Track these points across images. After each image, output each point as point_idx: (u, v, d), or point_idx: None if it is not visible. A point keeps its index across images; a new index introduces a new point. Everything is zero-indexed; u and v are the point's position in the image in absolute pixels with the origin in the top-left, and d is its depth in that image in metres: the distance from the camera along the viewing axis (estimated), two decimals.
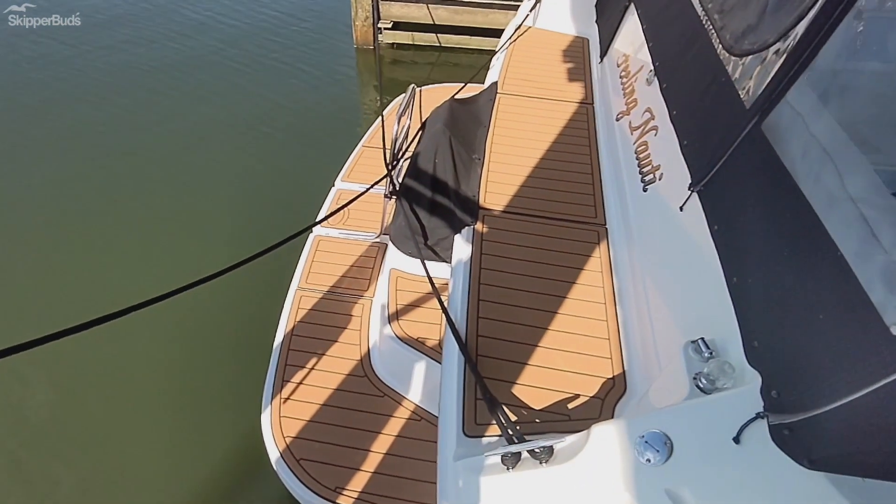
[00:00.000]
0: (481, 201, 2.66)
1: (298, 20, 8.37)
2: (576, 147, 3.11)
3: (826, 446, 1.08)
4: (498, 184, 2.78)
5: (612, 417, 1.79)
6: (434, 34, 7.29)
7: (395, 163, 3.00)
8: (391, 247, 2.94)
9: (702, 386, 1.37)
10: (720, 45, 2.01)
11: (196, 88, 6.75)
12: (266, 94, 6.68)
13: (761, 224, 1.50)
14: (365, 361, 2.75)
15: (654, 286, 2.02)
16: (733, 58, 1.89)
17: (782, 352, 1.25)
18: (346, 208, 2.61)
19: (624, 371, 1.93)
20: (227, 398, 3.60)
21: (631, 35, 3.24)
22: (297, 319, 2.94)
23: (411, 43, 7.47)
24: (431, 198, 2.81)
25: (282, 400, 2.57)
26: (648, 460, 1.23)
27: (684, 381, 1.41)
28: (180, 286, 1.56)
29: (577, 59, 4.08)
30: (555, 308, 2.17)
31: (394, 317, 2.67)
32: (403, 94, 4.82)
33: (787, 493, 1.10)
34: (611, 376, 1.92)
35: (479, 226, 2.52)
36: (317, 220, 3.46)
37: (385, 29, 7.39)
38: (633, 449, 1.27)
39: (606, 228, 2.54)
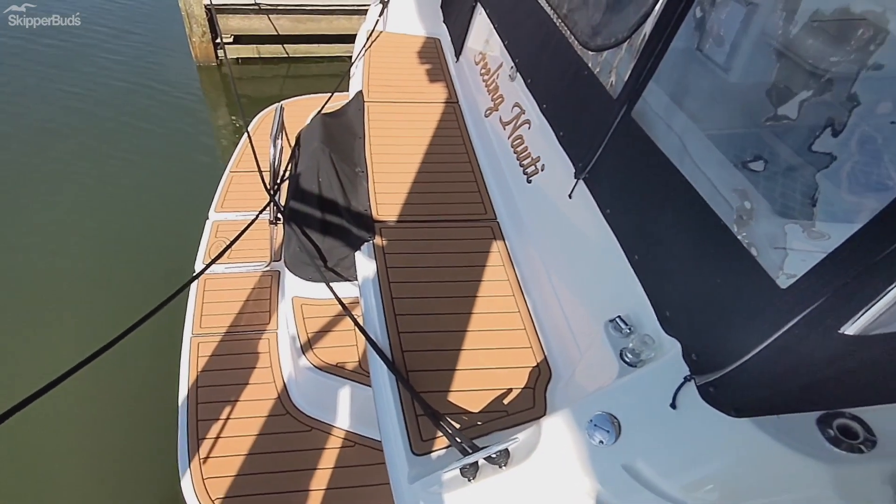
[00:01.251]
0: (375, 214, 2.60)
1: (130, 55, 7.55)
2: (452, 147, 3.14)
3: (745, 395, 1.21)
4: (387, 194, 2.73)
5: (545, 403, 1.86)
6: (280, 45, 6.97)
7: (276, 188, 2.83)
8: (288, 274, 2.78)
9: (628, 360, 1.46)
10: (576, 42, 2.13)
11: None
12: (111, 152, 5.86)
13: (648, 203, 1.62)
14: (283, 398, 2.59)
15: (556, 272, 2.12)
16: (591, 53, 2.02)
17: (692, 318, 1.37)
18: (233, 241, 2.41)
19: (545, 356, 2.01)
20: (142, 470, 3.21)
21: (484, 34, 3.34)
22: (200, 369, 2.68)
23: (257, 56, 7.08)
24: (322, 218, 2.69)
25: (201, 460, 2.34)
26: (601, 442, 1.29)
27: (612, 358, 1.49)
28: (63, 372, 1.37)
29: (433, 59, 4.12)
30: (468, 308, 2.19)
31: (306, 346, 2.54)
32: (263, 113, 4.58)
33: (724, 441, 1.22)
34: (535, 364, 1.98)
35: (377, 240, 2.46)
36: (204, 263, 3.18)
37: (227, 44, 6.92)
38: (584, 434, 1.32)
39: (498, 223, 2.61)
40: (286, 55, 7.05)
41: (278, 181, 2.85)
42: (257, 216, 2.74)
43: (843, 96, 1.72)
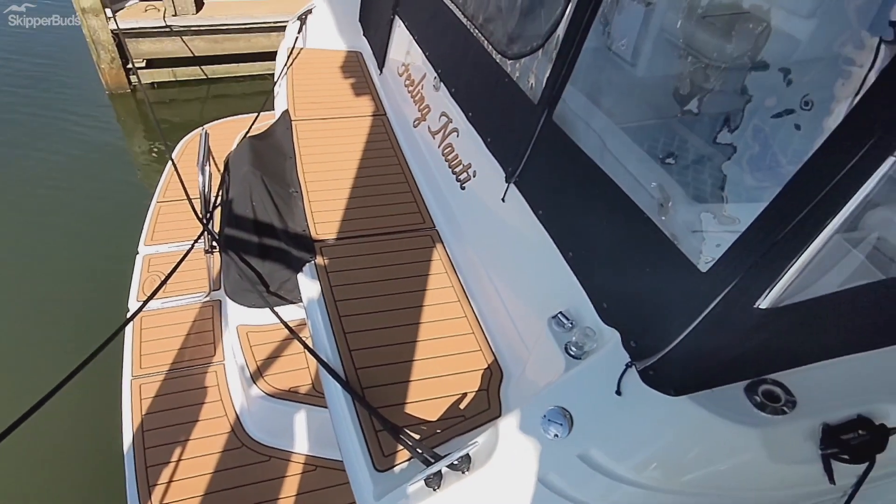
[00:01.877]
0: (313, 234, 2.57)
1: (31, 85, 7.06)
2: (384, 159, 3.15)
3: (681, 375, 1.29)
4: (324, 212, 2.71)
5: (499, 403, 1.90)
6: (197, 67, 6.73)
7: (208, 216, 2.74)
8: (230, 303, 2.70)
9: (573, 353, 1.52)
10: (494, 51, 2.20)
11: None
12: (24, 192, 5.42)
13: (576, 201, 1.70)
14: (238, 431, 2.51)
15: (497, 274, 2.17)
16: (509, 61, 2.08)
17: (627, 307, 1.44)
18: (169, 275, 2.32)
19: (495, 357, 2.05)
20: None
21: (405, 45, 3.36)
22: (144, 412, 2.56)
23: (174, 79, 6.80)
24: (260, 242, 2.64)
25: None
26: (556, 435, 1.34)
27: (558, 353, 1.55)
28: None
29: (357, 73, 4.11)
30: (416, 318, 2.21)
31: (256, 374, 2.47)
32: (186, 139, 4.41)
33: (667, 420, 1.29)
34: (486, 366, 2.02)
35: (319, 259, 2.43)
36: (139, 300, 3.03)
37: (139, 69, 6.61)
38: (539, 430, 1.37)
39: (437, 230, 2.64)
40: (205, 76, 6.82)
41: (210, 208, 2.77)
42: (192, 246, 2.64)
43: (737, 88, 1.86)
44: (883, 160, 0.99)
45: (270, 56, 4.92)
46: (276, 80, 4.06)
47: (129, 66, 6.46)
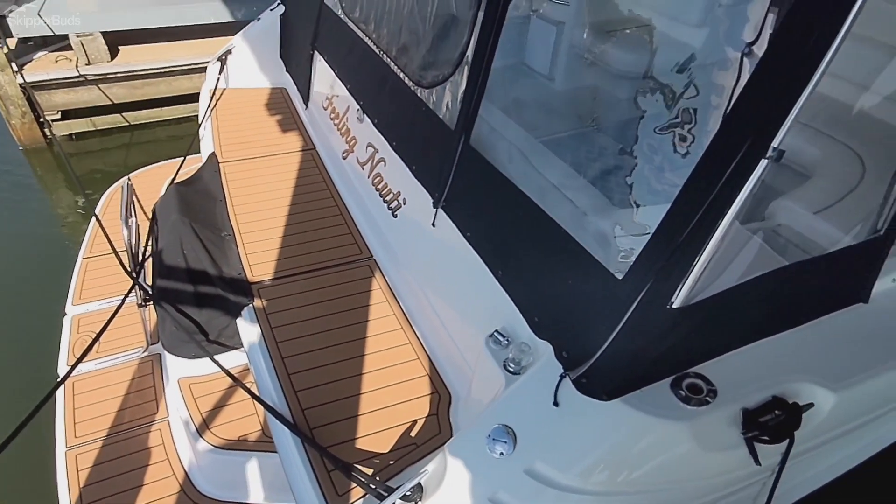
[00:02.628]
0: (249, 276, 2.51)
1: None
2: (316, 193, 3.13)
3: (611, 379, 1.33)
4: (258, 253, 2.65)
5: (450, 426, 1.90)
6: (118, 114, 6.48)
7: (138, 269, 2.63)
8: (169, 357, 2.59)
9: (512, 370, 1.55)
10: (410, 81, 2.24)
11: None
12: None
13: (500, 220, 1.74)
14: (187, 489, 2.39)
15: (435, 297, 2.18)
16: (424, 90, 2.13)
17: (556, 319, 1.48)
18: (100, 333, 2.20)
19: (442, 380, 2.05)
20: None
21: (328, 79, 3.37)
22: (82, 484, 2.40)
23: (93, 129, 6.51)
24: (195, 291, 2.54)
25: None
26: (501, 454, 1.35)
27: (497, 371, 1.57)
28: None
29: (282, 109, 4.08)
30: (360, 351, 2.19)
31: (202, 427, 2.37)
32: (110, 191, 4.23)
33: (604, 424, 1.33)
34: (433, 391, 2.02)
35: (257, 302, 2.38)
36: (69, 364, 2.85)
37: (54, 121, 6.30)
38: (485, 450, 1.38)
39: (375, 259, 2.63)
40: (127, 123, 6.56)
41: (139, 261, 2.66)
42: (122, 302, 2.52)
43: (635, 98, 1.96)
44: (757, 161, 1.07)
45: (194, 98, 4.80)
46: (200, 122, 3.97)
47: (42, 119, 6.14)
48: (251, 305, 2.36)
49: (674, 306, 1.23)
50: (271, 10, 4.32)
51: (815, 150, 2.73)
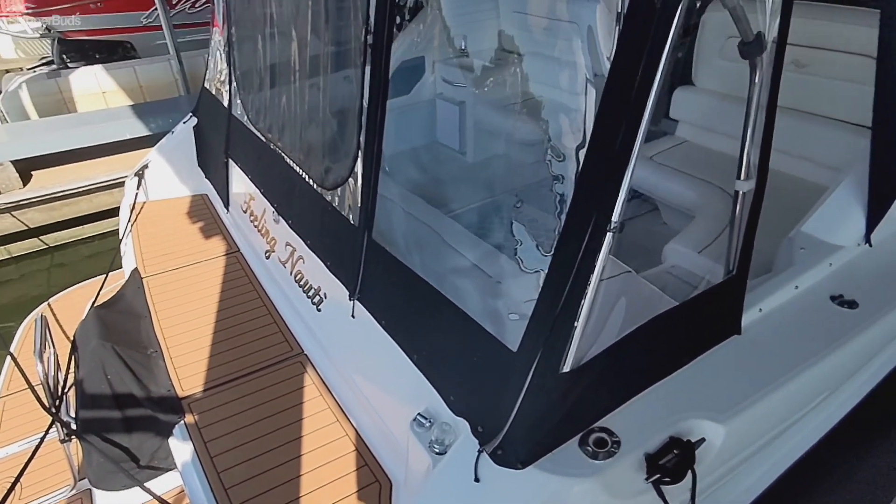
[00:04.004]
0: (179, 392, 2.44)
1: None
2: (243, 295, 3.11)
3: (523, 448, 1.39)
4: (187, 366, 2.59)
5: None
6: (35, 238, 6.24)
7: (57, 403, 2.50)
8: (98, 493, 2.43)
9: (438, 450, 1.57)
10: (314, 183, 2.34)
11: None
12: None
13: (408, 307, 1.82)
14: None
15: (364, 387, 2.20)
16: (328, 191, 2.23)
17: (468, 396, 1.54)
18: (18, 477, 2.06)
19: (382, 468, 2.04)
20: None
21: (244, 183, 3.44)
22: None
23: (9, 257, 6.22)
24: (122, 417, 2.43)
25: None
26: None
27: (424, 454, 1.59)
28: None
29: (205, 216, 4.09)
30: (299, 451, 2.15)
31: None
32: (26, 323, 4.02)
33: (522, 493, 1.37)
34: (375, 479, 2.00)
35: (188, 417, 2.30)
36: None
37: None
38: None
39: (306, 355, 2.62)
40: (46, 246, 6.33)
41: (59, 394, 2.53)
42: (41, 441, 2.37)
43: (526, 167, 2.13)
44: (604, 234, 1.21)
45: (118, 211, 4.73)
46: (121, 238, 3.91)
47: None
48: (182, 422, 2.28)
49: (565, 371, 1.32)
50: (184, 122, 4.41)
51: (694, 195, 3.02)
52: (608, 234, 1.20)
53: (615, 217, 1.19)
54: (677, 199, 3.14)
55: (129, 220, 4.01)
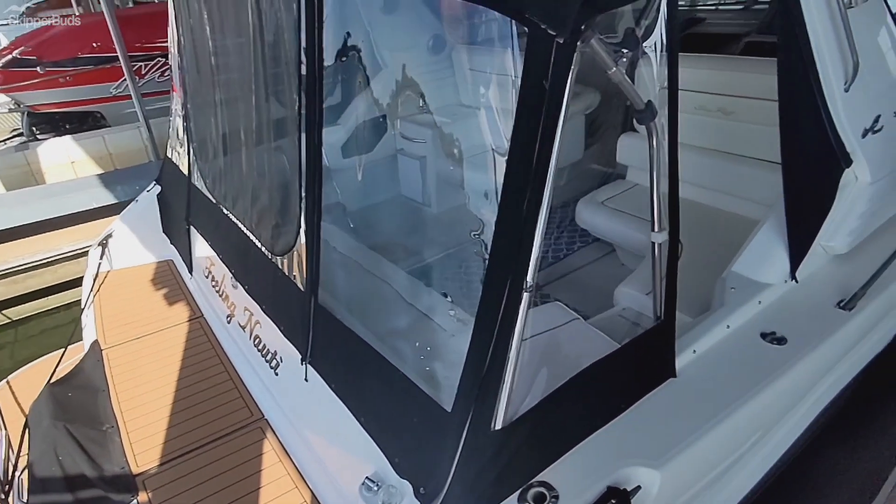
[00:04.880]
0: (134, 468, 2.38)
1: None
2: (205, 362, 3.08)
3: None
4: (143, 440, 2.53)
5: None
6: None
7: (7, 489, 2.41)
8: None
9: None
10: (265, 249, 2.39)
11: None
12: None
13: (353, 370, 1.84)
14: None
15: (321, 449, 2.17)
16: (277, 257, 2.27)
17: (411, 457, 1.55)
18: None
19: None
20: None
21: (205, 249, 3.46)
22: None
23: None
24: (73, 500, 2.35)
25: None
26: None
27: None
28: None
29: (169, 282, 4.06)
30: None
31: None
32: None
33: None
34: None
35: (142, 496, 2.24)
36: None
37: None
38: None
39: (266, 419, 2.59)
40: (9, 320, 6.17)
41: (10, 478, 2.44)
42: None
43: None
44: (521, 295, 1.26)
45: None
46: (82, 309, 3.86)
47: None
48: (135, 501, 2.21)
49: (497, 429, 1.34)
50: (148, 190, 4.45)
51: (644, 237, 3.13)
52: (525, 294, 1.25)
53: (530, 278, 1.25)
54: (630, 242, 3.25)
55: (90, 291, 3.97)
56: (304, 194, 1.88)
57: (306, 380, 2.12)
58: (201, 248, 3.56)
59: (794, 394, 1.82)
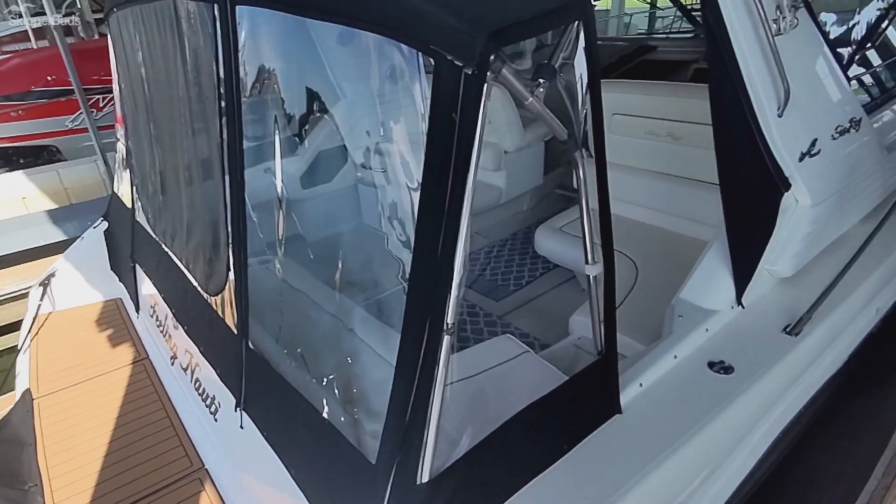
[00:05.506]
0: None
1: None
2: (147, 408, 2.91)
3: None
4: (70, 499, 2.36)
5: None
6: None
7: None
8: None
9: None
10: (200, 289, 2.28)
11: None
12: None
13: (286, 419, 1.73)
14: None
15: (259, 501, 2.04)
16: (212, 297, 2.17)
17: None
18: None
19: None
20: None
21: (150, 288, 3.32)
22: None
23: None
24: None
25: None
26: None
27: None
28: None
29: (116, 322, 3.89)
30: None
31: None
32: None
33: None
34: None
35: None
36: None
37: None
38: None
39: (206, 469, 2.44)
40: None
41: None
42: None
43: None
44: (441, 337, 1.19)
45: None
46: (17, 355, 3.65)
47: None
48: None
49: (423, 481, 1.25)
50: (94, 227, 4.29)
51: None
52: (445, 336, 1.19)
53: (450, 319, 1.18)
54: (579, 268, 3.23)
55: (28, 335, 3.77)
56: (230, 230, 1.79)
57: (242, 427, 1.99)
58: (147, 285, 3.41)
59: (742, 425, 1.77)
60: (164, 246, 2.80)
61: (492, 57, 1.02)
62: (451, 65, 1.03)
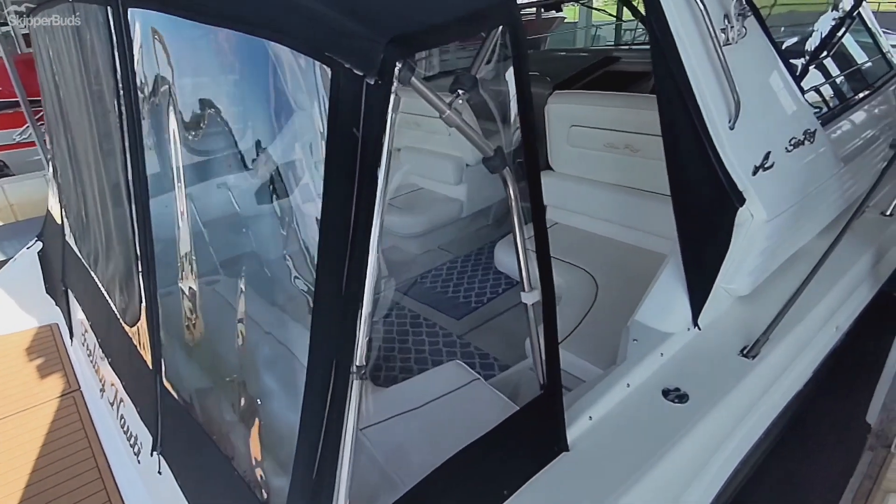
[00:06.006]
0: None
1: None
2: (72, 446, 2.69)
3: None
4: None
5: None
6: None
7: None
8: None
9: None
10: (121, 319, 2.10)
11: None
12: None
13: (199, 465, 1.57)
14: None
15: None
16: (130, 328, 1.99)
17: None
18: None
19: None
20: None
21: (80, 313, 3.10)
22: None
23: None
24: None
25: None
26: None
27: None
28: None
29: (49, 350, 3.63)
30: None
31: None
32: None
33: None
34: None
35: None
36: None
37: None
38: None
39: None
40: None
41: None
42: None
43: None
44: (349, 380, 1.05)
45: None
46: None
47: None
48: None
49: None
50: (28, 248, 4.04)
51: (561, 280, 3.00)
52: (354, 381, 1.05)
53: (359, 361, 1.04)
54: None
55: None
56: (140, 260, 1.63)
57: (159, 472, 1.81)
58: (77, 312, 3.19)
59: (699, 457, 1.66)
60: (89, 270, 2.61)
61: (398, 64, 0.90)
62: (351, 74, 0.90)
